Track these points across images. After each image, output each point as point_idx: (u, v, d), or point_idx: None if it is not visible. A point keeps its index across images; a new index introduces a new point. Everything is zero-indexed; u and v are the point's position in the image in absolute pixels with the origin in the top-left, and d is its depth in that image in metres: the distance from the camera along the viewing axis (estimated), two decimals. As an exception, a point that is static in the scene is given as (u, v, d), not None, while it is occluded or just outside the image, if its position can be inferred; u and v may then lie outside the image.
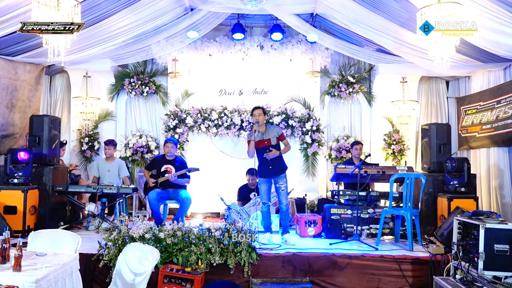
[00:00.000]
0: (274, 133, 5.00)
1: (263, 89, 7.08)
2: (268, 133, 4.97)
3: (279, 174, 4.93)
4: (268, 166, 4.84)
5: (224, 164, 7.10)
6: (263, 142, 4.92)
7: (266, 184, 4.93)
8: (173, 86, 7.04)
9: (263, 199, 4.95)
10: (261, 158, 4.93)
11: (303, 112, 6.98)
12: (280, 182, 4.91)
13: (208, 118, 6.81)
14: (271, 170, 4.85)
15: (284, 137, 5.09)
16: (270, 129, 5.03)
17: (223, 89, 7.07)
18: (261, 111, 4.96)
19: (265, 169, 4.85)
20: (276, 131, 5.01)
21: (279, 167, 4.95)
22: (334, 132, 7.29)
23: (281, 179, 4.93)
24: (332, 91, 7.07)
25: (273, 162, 4.88)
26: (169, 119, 6.82)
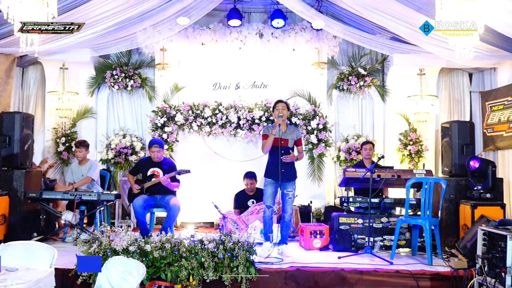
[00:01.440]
0: (293, 135, 5.04)
1: (262, 83, 7.05)
2: (287, 133, 5.00)
3: (290, 180, 4.95)
4: (280, 168, 4.84)
5: (219, 167, 7.08)
6: (279, 141, 4.92)
7: (273, 187, 4.93)
8: (161, 79, 6.98)
9: (267, 202, 4.92)
10: (273, 158, 4.93)
11: (307, 108, 6.96)
12: (289, 189, 4.93)
13: (200, 115, 6.76)
14: (282, 173, 4.85)
15: (301, 143, 5.14)
16: (291, 130, 5.08)
17: (218, 83, 7.04)
18: (285, 105, 5.02)
19: (276, 171, 4.85)
20: (296, 133, 5.06)
21: (291, 172, 4.97)
22: (343, 131, 7.24)
23: (290, 185, 4.95)
24: (341, 85, 7.04)
25: (287, 165, 4.90)
26: (156, 116, 6.78)
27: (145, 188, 5.55)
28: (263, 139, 5.06)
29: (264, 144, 5.00)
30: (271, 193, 4.93)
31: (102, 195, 5.35)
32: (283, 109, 4.97)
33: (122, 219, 6.77)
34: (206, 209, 6.63)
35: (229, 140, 6.98)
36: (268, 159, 5.06)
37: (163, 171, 5.58)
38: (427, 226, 4.66)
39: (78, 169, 6.03)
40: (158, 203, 5.58)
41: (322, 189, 6.97)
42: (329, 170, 7.12)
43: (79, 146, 6.00)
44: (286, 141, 4.96)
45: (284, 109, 4.98)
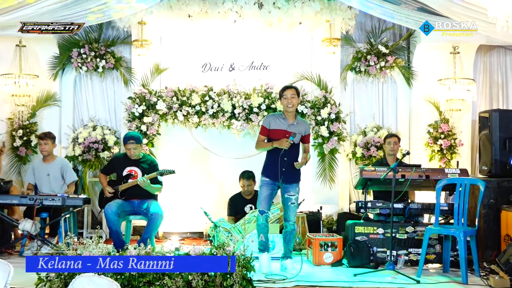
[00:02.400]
0: (301, 128, 5.04)
1: (262, 63, 7.05)
2: (295, 125, 5.00)
3: (293, 182, 4.96)
4: (281, 166, 4.83)
5: (209, 166, 7.11)
6: (284, 133, 4.91)
7: (270, 188, 4.94)
8: (139, 59, 6.93)
9: (261, 206, 4.95)
10: (276, 152, 4.88)
11: (317, 94, 6.96)
12: (291, 192, 4.94)
13: (187, 102, 6.74)
14: (284, 173, 4.85)
15: (308, 140, 5.16)
16: (300, 122, 5.10)
17: (208, 63, 7.04)
18: (294, 92, 4.99)
19: (276, 169, 4.84)
20: (305, 127, 5.08)
21: (295, 173, 4.98)
22: (360, 122, 7.26)
23: (293, 188, 4.96)
24: (357, 66, 7.03)
25: (290, 164, 4.89)
26: (133, 104, 6.75)
27: (119, 191, 5.53)
28: (261, 133, 5.05)
29: (260, 145, 5.02)
30: (266, 196, 4.93)
31: (68, 200, 5.30)
32: (292, 98, 4.93)
33: (92, 229, 6.78)
34: (194, 216, 6.64)
35: (221, 133, 6.99)
36: (267, 153, 5.08)
37: (142, 171, 5.57)
38: (462, 237, 4.63)
39: (42, 167, 5.97)
40: (135, 210, 5.56)
41: (335, 192, 6.97)
42: (343, 169, 7.10)
43: (44, 138, 5.95)
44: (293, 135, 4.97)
45: (294, 98, 4.95)
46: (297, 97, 5.01)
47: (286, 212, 4.98)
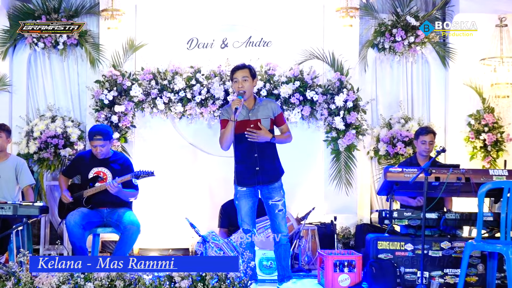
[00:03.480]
0: (267, 111, 5.06)
1: (262, 39, 7.06)
2: (257, 111, 5.04)
3: (273, 180, 5.00)
4: (254, 166, 4.92)
5: (197, 167, 7.13)
6: (247, 124, 4.97)
7: (249, 198, 5.00)
8: (110, 33, 6.91)
9: (244, 224, 5.01)
10: (241, 154, 5.00)
11: (330, 77, 6.97)
12: (274, 196, 4.98)
13: (168, 87, 6.74)
14: (258, 173, 4.92)
15: (283, 120, 5.19)
16: (262, 105, 5.09)
17: (195, 39, 7.06)
18: (247, 73, 5.00)
19: (248, 171, 4.93)
20: (271, 108, 5.08)
21: (271, 167, 5.03)
22: (384, 112, 7.24)
23: (275, 190, 5.00)
24: (380, 42, 7.04)
25: (263, 159, 4.96)
26: (102, 89, 6.74)
27: (84, 198, 5.53)
28: (221, 127, 5.12)
29: (221, 136, 5.04)
30: (248, 210, 4.99)
31: (20, 208, 5.21)
32: (244, 81, 4.96)
33: (50, 245, 6.73)
34: (177, 229, 6.67)
35: (211, 126, 6.97)
36: (236, 155, 5.07)
37: (112, 173, 5.62)
38: (510, 254, 4.52)
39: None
40: (105, 221, 5.59)
41: (352, 198, 7.00)
42: (362, 170, 7.13)
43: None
44: (257, 122, 4.97)
45: (246, 81, 4.97)
46: (251, 79, 5.01)
47: (275, 223, 4.99)
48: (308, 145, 7.13)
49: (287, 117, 6.80)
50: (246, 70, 4.99)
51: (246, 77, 4.94)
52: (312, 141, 7.16)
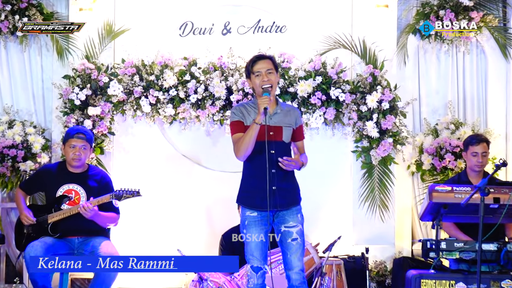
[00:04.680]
0: (290, 118, 4.93)
1: (274, 23, 6.94)
2: (279, 116, 4.89)
3: (291, 205, 4.82)
4: (270, 184, 4.73)
5: (192, 185, 6.95)
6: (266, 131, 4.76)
7: (260, 226, 4.79)
8: (82, 16, 6.79)
9: (253, 260, 4.78)
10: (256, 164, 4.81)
11: (360, 71, 6.81)
12: (289, 221, 4.78)
13: (156, 84, 6.64)
14: (275, 194, 4.75)
15: (303, 134, 5.08)
16: (285, 110, 4.97)
17: (189, 23, 6.97)
18: (271, 64, 4.85)
19: (262, 191, 4.72)
20: (295, 116, 4.98)
21: (292, 187, 4.89)
22: (428, 115, 7.06)
23: (291, 214, 4.81)
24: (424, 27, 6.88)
25: (282, 176, 4.80)
26: (72, 86, 6.63)
27: (49, 224, 5.42)
28: (234, 131, 4.89)
29: (242, 141, 4.78)
30: (258, 242, 4.80)
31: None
32: (268, 73, 4.81)
33: (7, 283, 6.66)
34: (167, 263, 6.87)
35: (210, 133, 6.87)
36: (244, 170, 4.96)
37: (87, 192, 5.52)
38: None
39: None
40: (76, 254, 5.48)
41: (389, 225, 6.85)
42: (401, 189, 6.96)
43: None
44: (279, 131, 4.82)
45: (271, 73, 4.83)
46: (275, 72, 4.87)
47: (287, 256, 4.76)
48: (333, 157, 6.99)
49: (306, 122, 6.67)
50: (269, 61, 4.87)
51: (270, 69, 4.81)
52: (337, 152, 6.98)
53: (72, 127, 5.78)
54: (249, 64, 4.89)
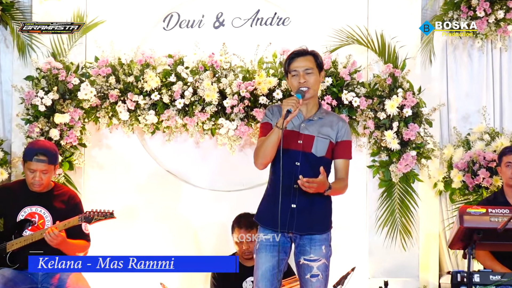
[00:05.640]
0: (329, 129, 4.89)
1: (276, 14, 6.89)
2: (316, 123, 4.88)
3: (313, 231, 4.83)
4: (290, 201, 4.78)
5: (178, 206, 6.92)
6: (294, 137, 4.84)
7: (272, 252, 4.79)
8: (48, 6, 6.79)
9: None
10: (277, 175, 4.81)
11: (378, 71, 6.73)
12: (310, 252, 4.79)
13: (135, 86, 6.53)
14: (293, 213, 4.77)
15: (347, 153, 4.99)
16: (326, 118, 4.95)
17: (174, 14, 6.91)
18: (312, 62, 4.86)
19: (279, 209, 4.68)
20: (338, 128, 4.95)
21: (319, 210, 4.86)
22: (458, 123, 6.97)
23: (315, 243, 4.82)
24: (453, 19, 6.84)
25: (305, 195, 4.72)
26: (36, 89, 6.57)
27: (8, 253, 5.47)
28: (260, 134, 4.95)
29: (259, 146, 4.83)
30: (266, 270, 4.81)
31: None
32: (307, 73, 4.82)
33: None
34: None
35: (200, 144, 6.82)
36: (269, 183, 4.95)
37: (53, 215, 5.54)
38: None
39: None
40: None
41: (412, 254, 6.73)
42: (427, 211, 6.83)
43: None
44: (309, 141, 4.82)
45: (311, 74, 4.82)
46: (317, 71, 4.83)
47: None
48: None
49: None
50: (310, 58, 4.86)
51: (310, 68, 4.81)
52: (350, 168, 6.26)
53: (31, 146, 5.68)
54: (286, 62, 4.89)
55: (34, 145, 5.63)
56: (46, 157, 5.45)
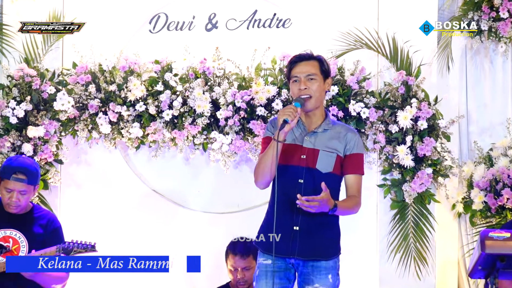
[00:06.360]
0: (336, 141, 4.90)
1: (275, 15, 6.99)
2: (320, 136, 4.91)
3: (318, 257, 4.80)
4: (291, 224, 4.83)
5: (166, 229, 6.96)
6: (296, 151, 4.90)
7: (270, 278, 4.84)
8: (20, 6, 6.93)
9: None
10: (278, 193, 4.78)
11: (390, 79, 6.80)
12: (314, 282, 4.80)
13: (118, 96, 6.67)
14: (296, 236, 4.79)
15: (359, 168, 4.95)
16: (332, 129, 4.95)
17: (162, 15, 7.04)
18: (315, 67, 4.87)
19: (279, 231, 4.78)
20: (346, 140, 4.95)
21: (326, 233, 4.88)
22: (479, 138, 7.00)
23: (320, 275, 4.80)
24: (473, 19, 6.91)
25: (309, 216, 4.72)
26: (7, 99, 6.68)
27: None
28: (262, 150, 4.96)
29: (259, 163, 4.85)
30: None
31: None
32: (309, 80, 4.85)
33: None
34: None
35: (190, 160, 6.91)
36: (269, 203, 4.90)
37: (29, 241, 5.51)
38: None
39: None
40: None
41: (428, 284, 6.78)
42: (444, 235, 6.85)
43: None
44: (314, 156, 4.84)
45: (314, 80, 4.84)
46: (321, 79, 4.84)
47: None
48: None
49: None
50: (314, 63, 4.87)
51: (313, 74, 4.83)
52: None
53: (10, 162, 5.63)
54: (288, 66, 4.88)
55: (13, 161, 5.48)
56: (25, 176, 5.35)
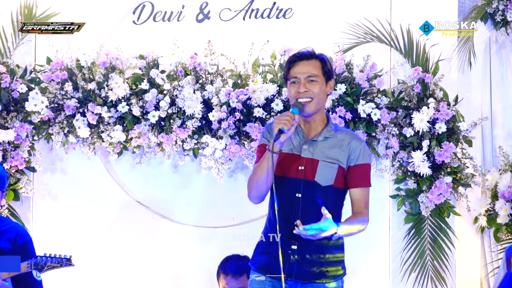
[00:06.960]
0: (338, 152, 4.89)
1: (275, 5, 6.97)
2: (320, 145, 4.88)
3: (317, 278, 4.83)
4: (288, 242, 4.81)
5: (153, 244, 6.91)
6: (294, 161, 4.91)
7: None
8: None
9: None
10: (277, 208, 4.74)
11: (403, 76, 6.75)
12: None
13: (97, 95, 6.67)
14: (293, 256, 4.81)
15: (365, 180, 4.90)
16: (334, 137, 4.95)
17: (147, 4, 7.07)
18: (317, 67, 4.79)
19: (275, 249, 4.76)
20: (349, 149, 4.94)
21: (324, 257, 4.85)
22: (505, 142, 7.01)
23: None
24: (498, 11, 6.92)
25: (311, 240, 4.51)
26: None
27: None
28: (257, 159, 4.96)
29: (253, 174, 4.81)
30: None
31: None
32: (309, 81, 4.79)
33: None
34: None
35: (179, 168, 6.92)
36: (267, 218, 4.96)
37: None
38: None
39: None
40: None
41: None
42: (465, 252, 6.77)
43: None
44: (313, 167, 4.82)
45: (315, 82, 4.78)
46: (323, 80, 4.78)
47: None
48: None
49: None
50: (316, 63, 4.78)
51: (314, 76, 4.75)
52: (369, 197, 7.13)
53: None
54: (286, 66, 4.80)
55: None
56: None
